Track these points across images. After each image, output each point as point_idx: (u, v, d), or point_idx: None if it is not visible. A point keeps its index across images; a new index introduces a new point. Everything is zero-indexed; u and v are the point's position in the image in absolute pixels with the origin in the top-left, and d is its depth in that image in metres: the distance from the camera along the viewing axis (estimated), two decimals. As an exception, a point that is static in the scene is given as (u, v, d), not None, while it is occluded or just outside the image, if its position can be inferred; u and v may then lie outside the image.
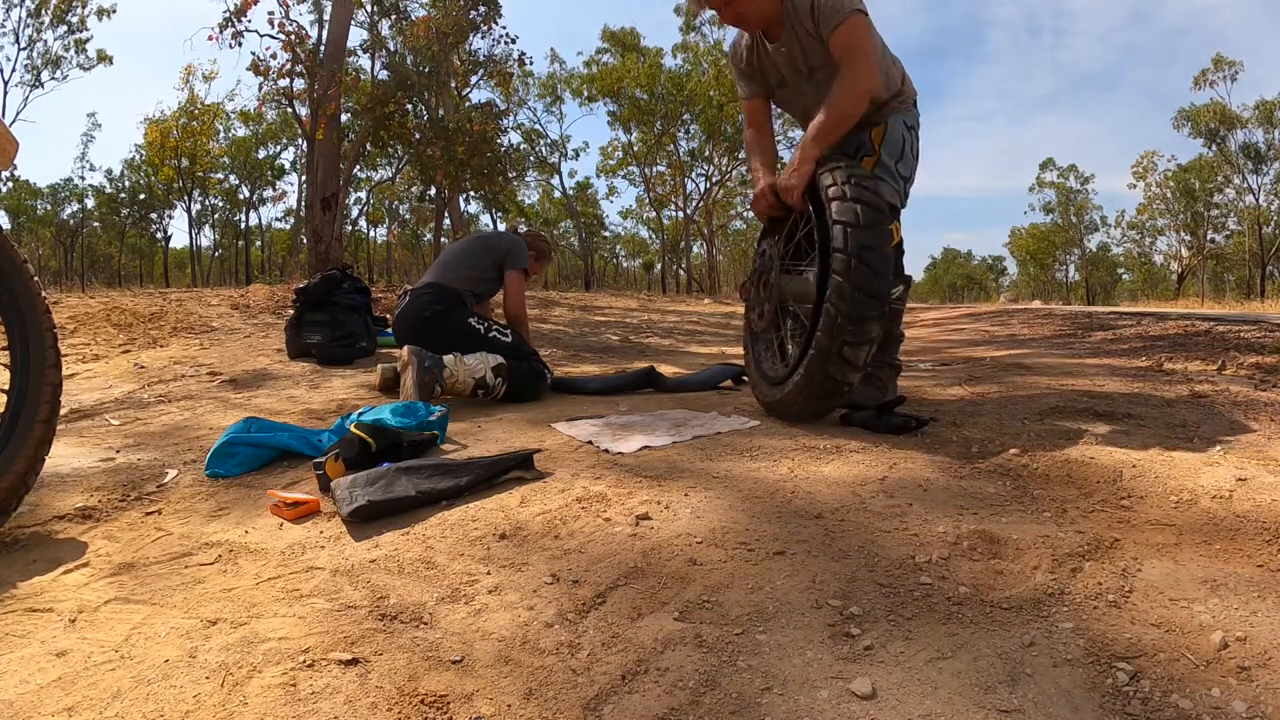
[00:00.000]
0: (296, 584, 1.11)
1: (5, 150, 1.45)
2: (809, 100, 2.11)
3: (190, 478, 1.70)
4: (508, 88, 16.53)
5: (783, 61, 2.09)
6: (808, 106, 2.12)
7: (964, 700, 0.75)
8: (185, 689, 0.84)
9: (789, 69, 2.10)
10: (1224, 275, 35.87)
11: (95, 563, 1.24)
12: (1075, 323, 6.73)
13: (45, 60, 24.65)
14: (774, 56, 2.10)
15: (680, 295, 23.67)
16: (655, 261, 38.72)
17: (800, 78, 2.10)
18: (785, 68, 2.10)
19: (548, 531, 1.24)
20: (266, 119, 29.62)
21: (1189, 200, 32.78)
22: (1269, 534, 1.06)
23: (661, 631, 0.91)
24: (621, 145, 29.85)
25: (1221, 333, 4.42)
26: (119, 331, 4.19)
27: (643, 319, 8.71)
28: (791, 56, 2.06)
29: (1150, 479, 1.32)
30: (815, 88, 2.07)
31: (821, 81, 2.04)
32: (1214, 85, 29.45)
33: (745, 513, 1.27)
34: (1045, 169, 39.92)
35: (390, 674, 0.85)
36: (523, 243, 3.07)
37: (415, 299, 2.81)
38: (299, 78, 10.12)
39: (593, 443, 1.82)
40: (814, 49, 2.00)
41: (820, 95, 2.03)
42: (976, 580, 0.99)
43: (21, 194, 35.06)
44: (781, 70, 2.12)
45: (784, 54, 2.07)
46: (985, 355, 4.09)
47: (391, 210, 35.59)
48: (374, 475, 1.43)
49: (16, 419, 1.40)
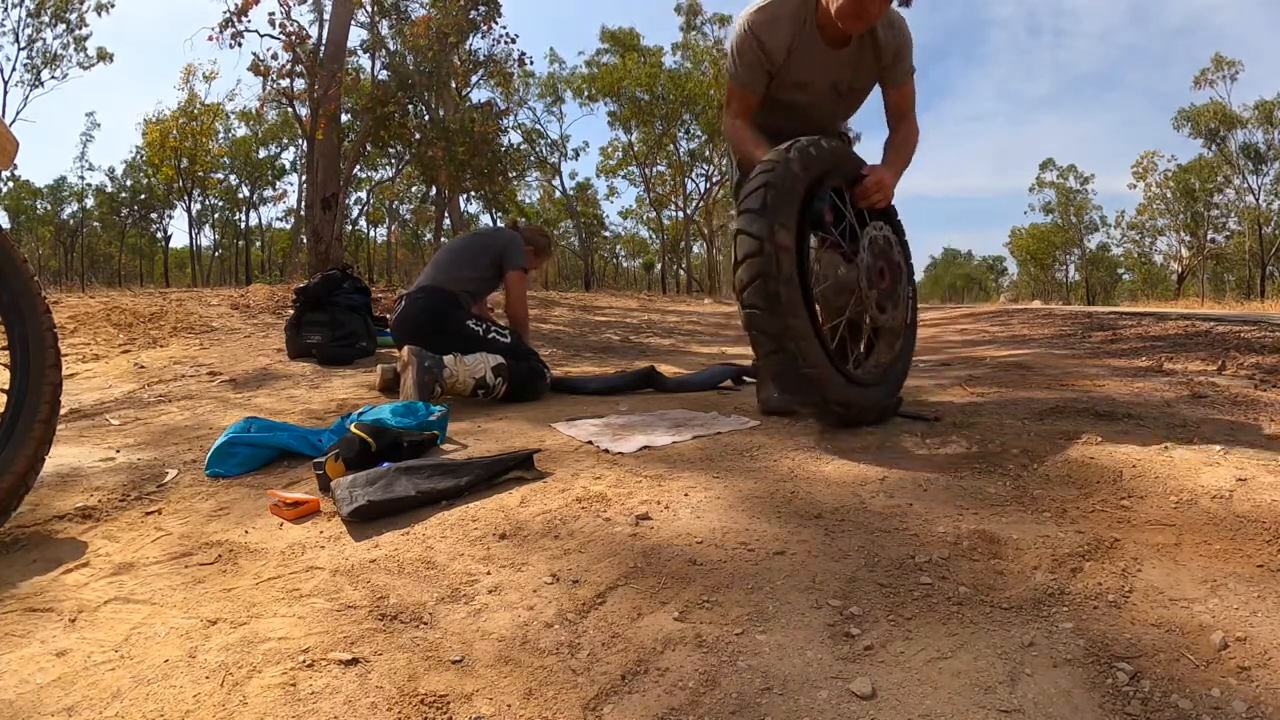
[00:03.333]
0: (296, 584, 1.11)
1: (5, 150, 1.45)
2: (820, 113, 2.08)
3: (190, 478, 1.70)
4: (508, 88, 16.55)
5: (829, 67, 1.95)
6: (813, 118, 2.06)
7: (964, 700, 0.75)
8: (185, 689, 0.84)
9: (826, 78, 1.98)
10: (1224, 275, 35.87)
11: (95, 563, 1.24)
12: (1075, 323, 6.73)
13: (45, 59, 24.66)
14: (820, 56, 1.93)
15: (680, 295, 23.68)
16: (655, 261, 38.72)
17: (830, 91, 2.01)
18: (823, 75, 1.97)
19: (548, 531, 1.24)
20: (267, 119, 29.62)
21: (1189, 200, 32.76)
22: (1269, 534, 1.06)
23: (661, 631, 0.91)
24: (621, 145, 29.88)
25: (1221, 333, 4.42)
26: (119, 331, 4.19)
27: (643, 319, 8.71)
28: (841, 69, 1.96)
29: (1150, 479, 1.32)
30: (838, 106, 2.10)
31: (849, 105, 2.11)
32: (1214, 85, 29.47)
33: (745, 513, 1.27)
34: (1045, 169, 39.92)
35: (390, 674, 0.85)
36: (520, 238, 3.01)
37: (411, 303, 2.80)
38: (299, 78, 10.12)
39: (593, 443, 1.82)
40: (868, 77, 2.01)
41: (834, 113, 2.13)
42: (976, 580, 0.99)
43: (21, 193, 35.06)
44: (816, 75, 1.97)
45: (838, 63, 1.95)
46: (985, 355, 4.09)
47: (392, 210, 35.60)
48: (374, 475, 1.43)
49: (16, 419, 1.40)
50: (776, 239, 1.63)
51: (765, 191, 1.65)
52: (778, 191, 1.65)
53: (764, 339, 1.67)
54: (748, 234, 1.65)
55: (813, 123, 2.04)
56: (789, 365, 1.66)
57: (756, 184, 1.67)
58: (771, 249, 1.62)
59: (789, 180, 1.67)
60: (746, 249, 1.65)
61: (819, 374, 1.67)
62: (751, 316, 1.66)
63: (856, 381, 1.82)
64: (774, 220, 1.63)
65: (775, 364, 1.69)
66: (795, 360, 1.64)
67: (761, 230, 1.63)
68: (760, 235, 1.63)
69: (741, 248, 1.66)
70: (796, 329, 1.63)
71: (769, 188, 1.66)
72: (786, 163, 1.69)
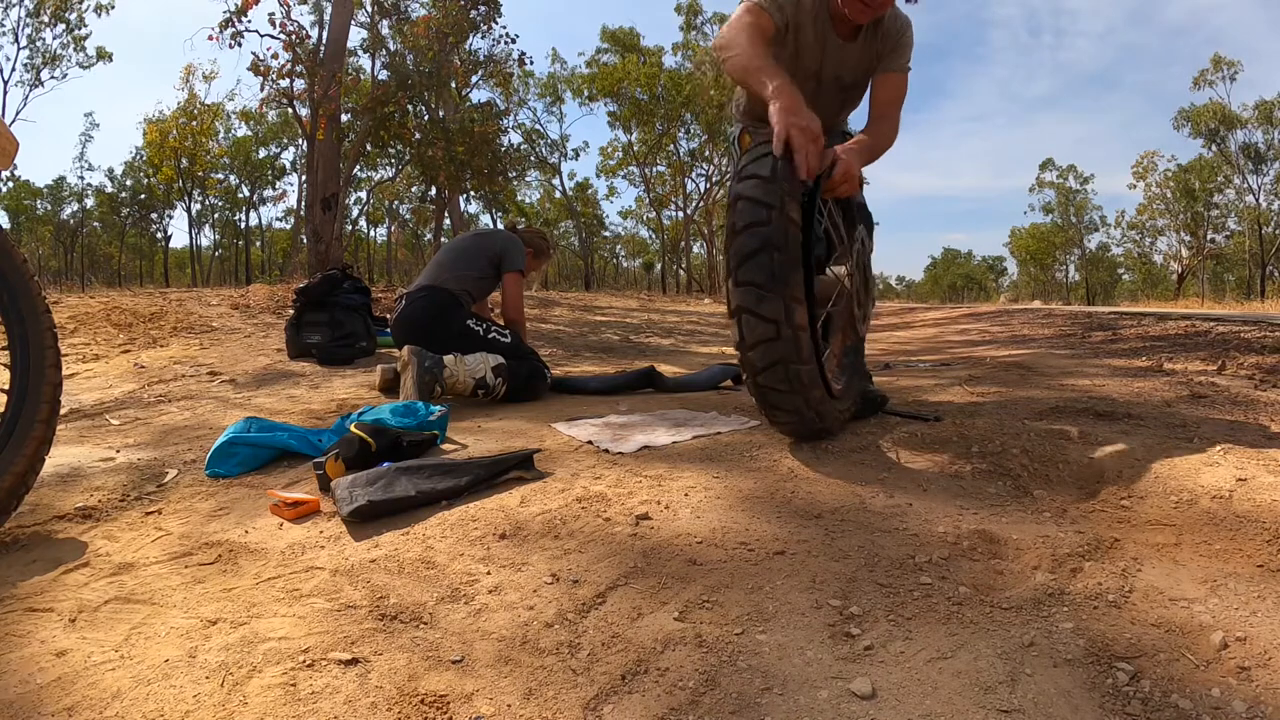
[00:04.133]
0: (296, 584, 1.11)
1: (5, 150, 1.45)
2: (823, 105, 2.00)
3: (190, 478, 1.70)
4: (508, 88, 16.55)
5: (836, 59, 1.93)
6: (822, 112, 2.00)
7: (964, 700, 0.75)
8: (185, 689, 0.84)
9: (833, 70, 1.96)
10: (1224, 275, 35.88)
11: (95, 563, 1.24)
12: (1076, 323, 6.73)
13: (45, 58, 24.67)
14: (830, 47, 1.92)
15: (680, 295, 23.67)
16: (655, 261, 38.75)
17: (835, 83, 1.99)
18: (832, 66, 1.95)
19: (548, 531, 1.24)
20: (268, 119, 29.64)
21: (1189, 200, 32.76)
22: (1269, 534, 1.06)
23: (661, 631, 0.91)
24: (621, 145, 29.89)
25: (1221, 333, 4.42)
26: (119, 331, 4.19)
27: (643, 319, 8.71)
28: (846, 62, 1.95)
29: (1150, 479, 1.32)
30: (841, 98, 2.05)
31: (845, 97, 2.05)
32: (1214, 85, 29.49)
33: (745, 513, 1.27)
34: (1045, 169, 39.95)
35: (390, 674, 0.85)
36: (519, 241, 3.02)
37: (411, 303, 2.80)
38: (299, 78, 10.12)
39: (593, 443, 1.82)
40: (867, 68, 1.96)
41: (837, 106, 2.07)
42: (976, 580, 0.99)
43: (21, 193, 35.06)
44: (826, 66, 1.94)
45: (845, 55, 1.93)
46: (985, 355, 4.09)
47: (391, 210, 35.61)
48: (374, 475, 1.43)
49: (16, 419, 1.40)
50: (794, 320, 1.42)
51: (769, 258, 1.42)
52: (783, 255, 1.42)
53: (783, 414, 1.57)
54: (758, 316, 1.43)
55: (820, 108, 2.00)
56: (808, 428, 1.59)
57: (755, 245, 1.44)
58: (790, 332, 1.42)
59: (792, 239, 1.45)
60: (760, 335, 1.44)
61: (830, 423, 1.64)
62: (769, 394, 1.53)
63: (843, 394, 1.80)
64: (786, 296, 1.41)
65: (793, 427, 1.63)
66: (814, 423, 1.57)
67: (776, 312, 1.41)
68: (775, 319, 1.42)
69: (752, 332, 1.45)
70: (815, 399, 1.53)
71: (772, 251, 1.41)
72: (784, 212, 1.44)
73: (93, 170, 65.13)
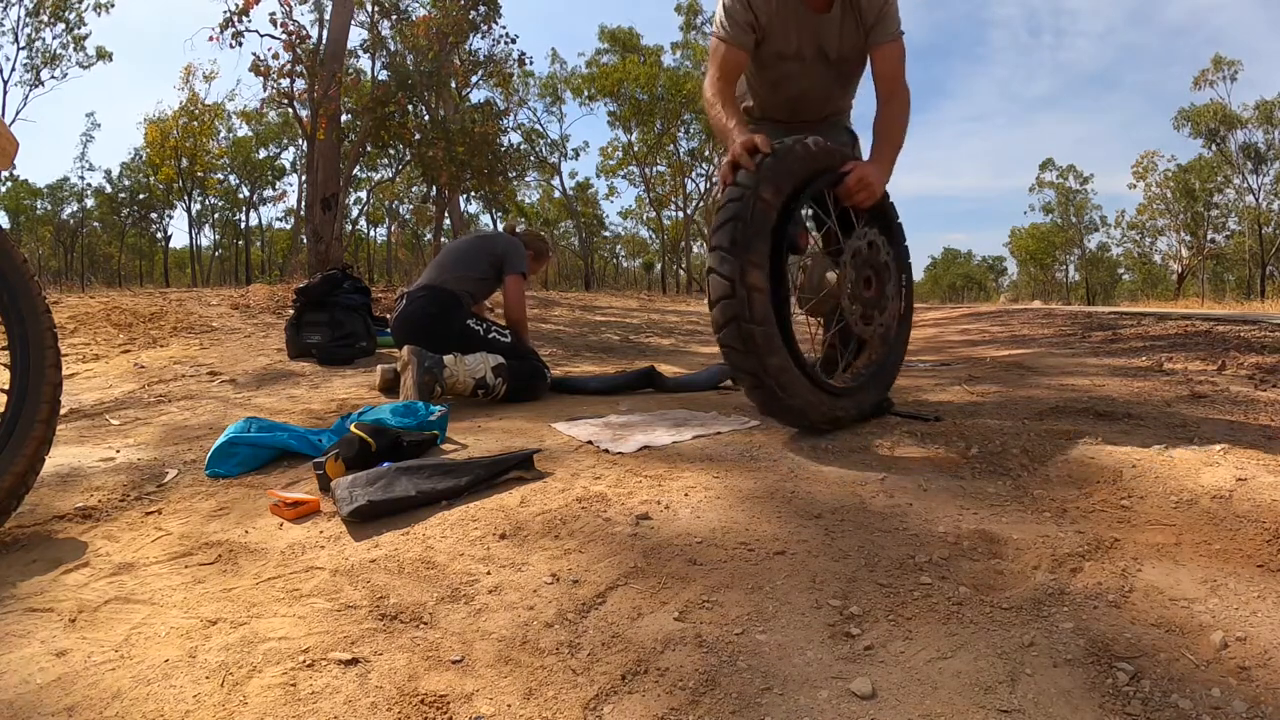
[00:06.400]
0: (296, 584, 1.11)
1: (5, 150, 1.45)
2: (814, 83, 2.00)
3: (190, 478, 1.70)
4: (508, 88, 16.55)
5: (813, 32, 1.92)
6: (808, 89, 1.99)
7: (964, 700, 0.75)
8: (185, 689, 0.84)
9: (813, 44, 1.94)
10: (1224, 275, 35.87)
11: (95, 563, 1.24)
12: (1076, 323, 6.73)
13: (45, 58, 24.67)
14: (804, 21, 1.91)
15: (680, 295, 23.67)
16: (655, 261, 38.74)
17: (819, 58, 1.96)
18: (810, 41, 1.93)
19: (548, 531, 1.24)
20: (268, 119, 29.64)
21: (1189, 200, 32.76)
22: (1269, 534, 1.06)
23: (661, 631, 0.91)
24: (621, 145, 29.89)
25: (1221, 333, 4.42)
26: (119, 331, 4.19)
27: (643, 319, 8.71)
28: (827, 35, 1.92)
29: (1150, 479, 1.32)
30: (831, 74, 2.01)
31: (842, 73, 2.00)
32: (1214, 85, 29.50)
33: (745, 513, 1.27)
34: (1045, 169, 39.95)
35: (390, 674, 0.85)
36: (520, 244, 3.03)
37: (412, 302, 2.81)
38: (299, 78, 10.13)
39: (593, 443, 1.82)
40: (856, 41, 1.93)
41: (831, 83, 2.00)
42: (976, 580, 0.99)
43: (21, 193, 35.06)
44: (804, 42, 1.93)
45: (823, 27, 1.91)
46: (986, 355, 4.09)
47: (391, 210, 35.61)
48: (374, 475, 1.43)
49: (16, 419, 1.40)
50: (749, 280, 1.56)
51: (734, 226, 1.58)
52: (746, 226, 1.57)
53: (744, 376, 1.66)
54: (719, 275, 1.59)
55: (814, 99, 1.98)
56: (770, 398, 1.66)
57: (725, 217, 1.60)
58: (744, 291, 1.56)
59: (758, 212, 1.60)
60: (719, 292, 1.59)
61: (801, 403, 1.68)
62: (729, 355, 1.64)
63: (844, 392, 1.81)
64: (745, 259, 1.56)
65: (757, 398, 1.70)
66: (775, 393, 1.64)
67: (733, 271, 1.56)
68: (731, 277, 1.57)
69: (714, 290, 1.61)
70: (774, 367, 1.61)
71: (737, 221, 1.58)
72: (756, 191, 1.60)
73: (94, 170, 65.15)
